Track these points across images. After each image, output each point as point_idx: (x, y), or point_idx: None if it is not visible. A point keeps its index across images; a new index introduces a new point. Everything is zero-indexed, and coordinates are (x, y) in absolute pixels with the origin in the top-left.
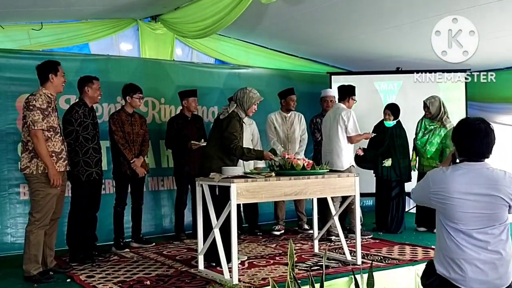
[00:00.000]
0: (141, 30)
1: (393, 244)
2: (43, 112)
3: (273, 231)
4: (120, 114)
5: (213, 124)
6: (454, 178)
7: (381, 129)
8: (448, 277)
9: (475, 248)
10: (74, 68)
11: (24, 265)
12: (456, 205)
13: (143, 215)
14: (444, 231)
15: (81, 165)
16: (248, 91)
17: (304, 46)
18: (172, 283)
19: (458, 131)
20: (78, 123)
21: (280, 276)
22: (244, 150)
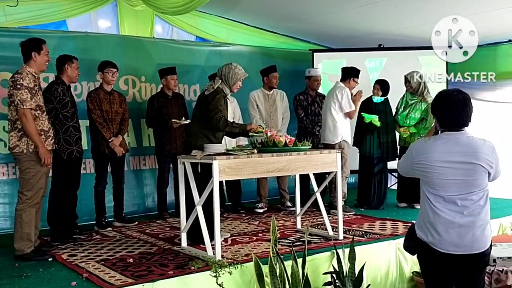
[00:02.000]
0: (120, 7)
1: (375, 220)
2: (31, 91)
3: (256, 209)
4: (98, 92)
5: (197, 100)
6: (435, 147)
7: (369, 105)
8: (426, 241)
9: (452, 213)
10: (51, 45)
11: (15, 243)
12: (437, 173)
13: (126, 194)
14: (425, 198)
15: (62, 143)
16: (233, 67)
17: (286, 23)
18: (155, 260)
19: (437, 103)
20: (57, 101)
21: (263, 252)
22: (228, 122)
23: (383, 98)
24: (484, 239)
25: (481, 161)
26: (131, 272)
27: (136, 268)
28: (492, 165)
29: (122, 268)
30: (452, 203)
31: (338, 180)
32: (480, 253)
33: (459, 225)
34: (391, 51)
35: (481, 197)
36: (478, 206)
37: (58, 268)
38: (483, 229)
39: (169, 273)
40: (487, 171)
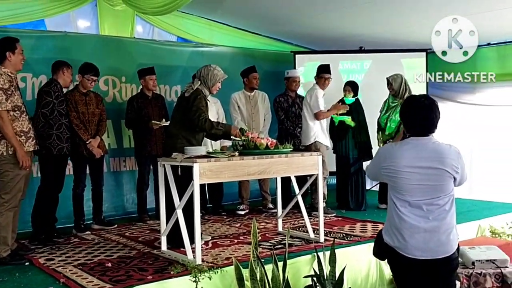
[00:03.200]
0: (100, 6)
1: (355, 222)
2: (6, 92)
3: (238, 211)
4: (74, 93)
5: (177, 102)
6: (402, 153)
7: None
8: (392, 245)
9: (417, 218)
10: (29, 45)
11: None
12: (404, 178)
13: (105, 196)
14: (392, 203)
15: (54, 139)
16: (212, 68)
17: (268, 25)
18: (134, 264)
19: (405, 108)
20: (55, 96)
21: (243, 255)
22: (213, 123)
23: (354, 99)
24: (449, 243)
25: (447, 166)
26: (109, 277)
27: (114, 273)
28: (457, 170)
29: (100, 272)
30: (417, 208)
31: (319, 182)
32: (446, 257)
33: (424, 230)
34: (373, 53)
35: (447, 202)
36: (444, 211)
37: (35, 272)
38: (449, 234)
39: (148, 278)
40: (452, 176)
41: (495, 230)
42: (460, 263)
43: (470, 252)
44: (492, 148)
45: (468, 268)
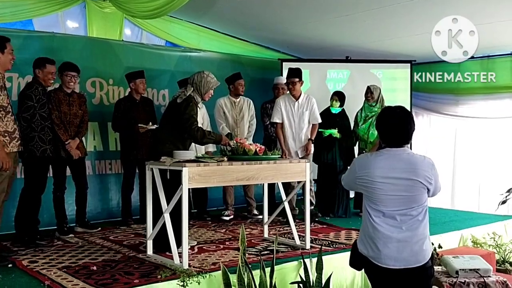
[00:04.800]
0: (88, 8)
1: (340, 229)
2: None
3: (223, 217)
4: (57, 93)
5: (168, 107)
6: (376, 163)
7: (327, 115)
8: (366, 255)
9: (391, 228)
10: (16, 45)
11: None
12: (378, 188)
13: (89, 199)
14: (366, 213)
15: (36, 140)
16: (205, 75)
17: (256, 32)
18: (120, 268)
19: (381, 119)
20: (36, 100)
21: (230, 260)
22: (205, 132)
23: (340, 109)
24: (423, 253)
25: (420, 177)
26: (95, 280)
27: (100, 276)
28: (431, 181)
29: (85, 276)
30: (391, 218)
31: (306, 189)
32: (420, 266)
33: (397, 240)
34: (358, 63)
35: (420, 213)
36: (417, 221)
37: (18, 274)
38: (422, 244)
39: (134, 281)
40: (426, 187)
41: (477, 240)
42: (444, 271)
43: (454, 261)
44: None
45: (452, 277)
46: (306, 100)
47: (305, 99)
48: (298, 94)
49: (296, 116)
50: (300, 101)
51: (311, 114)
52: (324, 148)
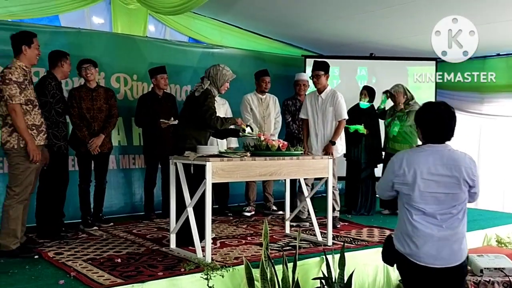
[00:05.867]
0: (113, 4)
1: (362, 227)
2: (20, 85)
3: (244, 212)
4: (80, 89)
5: (186, 101)
6: (419, 160)
7: (356, 111)
8: (403, 252)
9: (431, 226)
10: (43, 40)
11: (1, 239)
12: (420, 185)
13: (113, 193)
14: (404, 211)
15: (51, 138)
16: (221, 68)
17: (279, 28)
18: (144, 261)
19: (423, 115)
20: (51, 95)
21: (252, 255)
22: (223, 119)
23: (369, 104)
24: (461, 252)
25: (463, 174)
26: (119, 272)
27: (124, 268)
28: (474, 178)
29: (110, 268)
30: (431, 216)
31: (329, 186)
32: (457, 266)
33: (437, 238)
34: (382, 60)
35: (460, 211)
36: (457, 219)
37: (44, 266)
38: (460, 243)
39: (158, 274)
40: (467, 184)
41: (501, 239)
42: (469, 270)
43: (479, 260)
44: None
45: (477, 275)
46: (330, 95)
47: (329, 94)
48: (323, 88)
49: (319, 111)
50: (323, 96)
51: (335, 110)
52: (350, 144)
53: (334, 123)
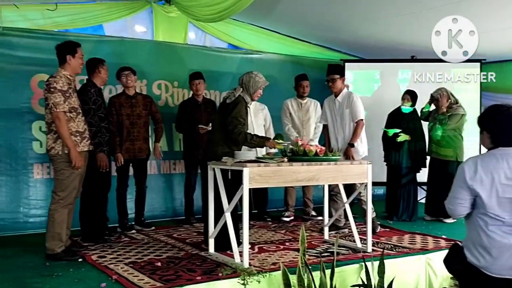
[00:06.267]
0: (155, 13)
1: (403, 233)
2: (64, 94)
3: (283, 217)
4: (119, 97)
5: (219, 108)
6: (494, 164)
7: (397, 115)
8: (477, 265)
9: (508, 236)
10: (87, 49)
11: (47, 243)
12: (498, 191)
13: (155, 198)
14: (477, 221)
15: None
16: (254, 75)
17: (318, 32)
18: (183, 265)
19: (490, 118)
20: (93, 102)
21: (290, 261)
22: (248, 136)
23: (412, 108)
24: None
25: None
26: (159, 276)
27: (164, 272)
28: None
29: (150, 271)
30: (508, 225)
31: (368, 191)
32: None
33: None
34: (424, 62)
35: None
36: None
37: (88, 269)
38: None
39: (197, 278)
40: None
41: None
42: None
43: None
44: None
45: None
46: (346, 97)
47: (345, 97)
48: (339, 91)
49: (338, 115)
50: (340, 99)
51: (351, 111)
52: (391, 149)
53: (352, 125)
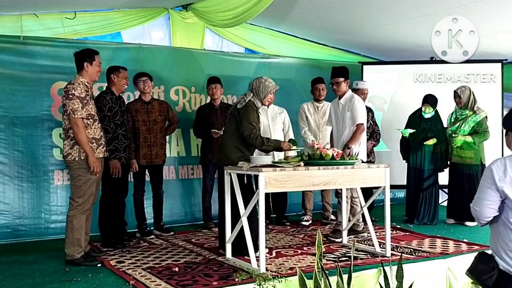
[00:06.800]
0: (172, 19)
1: (424, 237)
2: (82, 100)
3: (302, 222)
4: (135, 103)
5: (230, 113)
6: None
7: (419, 117)
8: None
9: None
10: (106, 56)
11: (66, 248)
12: None
13: (173, 203)
14: (506, 225)
15: (112, 150)
16: (263, 80)
17: (336, 35)
18: (200, 270)
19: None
20: (108, 109)
21: (307, 266)
22: (264, 139)
23: (433, 112)
24: None
25: None
26: (176, 281)
27: (181, 277)
28: None
29: (167, 276)
30: None
31: (386, 195)
32: None
33: None
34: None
35: None
36: None
37: (106, 274)
38: None
39: (213, 283)
40: None
41: None
42: None
43: None
44: None
45: None
46: (348, 100)
47: (348, 99)
48: (343, 94)
49: (341, 118)
50: (343, 102)
51: (352, 114)
52: (411, 150)
53: (353, 129)
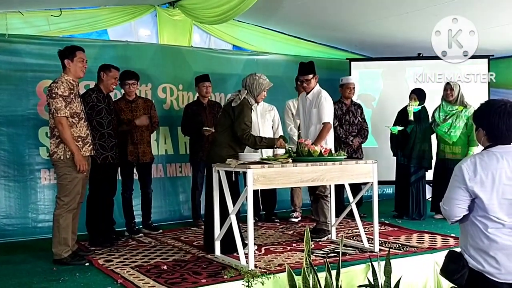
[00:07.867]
0: (159, 16)
1: (412, 232)
2: (66, 99)
3: (291, 218)
4: (119, 102)
5: (223, 110)
6: (494, 164)
7: (405, 113)
8: (482, 270)
9: (510, 238)
10: (93, 54)
11: (53, 248)
12: (499, 192)
13: (162, 201)
14: (476, 224)
15: (97, 148)
16: (257, 77)
17: (323, 32)
18: (189, 268)
19: (488, 114)
20: (90, 107)
21: (296, 262)
22: (256, 139)
23: (420, 107)
24: None
25: None
26: (164, 279)
27: (169, 275)
28: None
29: (156, 274)
30: (509, 227)
31: (374, 191)
32: None
33: None
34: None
35: None
36: None
37: (94, 273)
38: None
39: (202, 281)
40: None
41: None
42: None
43: None
44: None
45: None
46: (315, 96)
47: (315, 95)
48: (311, 89)
49: (307, 114)
50: (310, 97)
51: (318, 112)
52: (398, 147)
53: (319, 126)
